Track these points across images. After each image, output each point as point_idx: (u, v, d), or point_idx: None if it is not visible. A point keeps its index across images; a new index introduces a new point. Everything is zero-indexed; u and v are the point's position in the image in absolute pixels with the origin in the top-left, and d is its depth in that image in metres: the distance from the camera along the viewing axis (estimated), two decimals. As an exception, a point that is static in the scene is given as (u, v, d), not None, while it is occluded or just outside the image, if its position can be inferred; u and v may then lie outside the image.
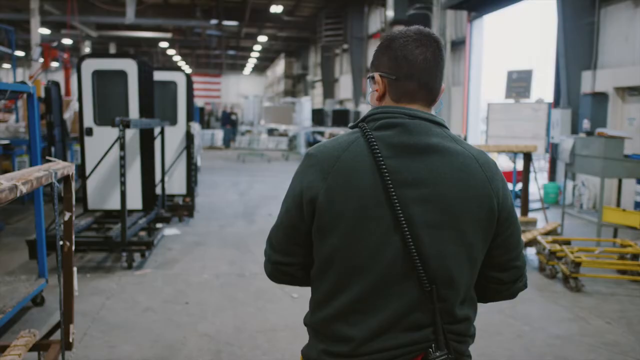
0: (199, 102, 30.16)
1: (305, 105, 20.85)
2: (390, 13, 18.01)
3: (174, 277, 5.90)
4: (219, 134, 25.25)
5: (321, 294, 1.56)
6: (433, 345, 1.50)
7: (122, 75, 6.98)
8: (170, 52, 39.01)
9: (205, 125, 27.34)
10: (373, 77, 1.59)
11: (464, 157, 1.52)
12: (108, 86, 7.05)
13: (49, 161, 3.41)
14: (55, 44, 17.68)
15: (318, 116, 24.17)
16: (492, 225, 1.54)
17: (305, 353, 1.61)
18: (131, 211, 7.07)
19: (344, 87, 28.11)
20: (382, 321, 1.49)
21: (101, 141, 6.89)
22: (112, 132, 6.46)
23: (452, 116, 16.20)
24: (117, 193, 6.86)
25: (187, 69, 47.85)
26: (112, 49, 35.53)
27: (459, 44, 15.87)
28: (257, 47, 38.07)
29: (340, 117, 24.10)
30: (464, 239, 1.49)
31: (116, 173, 6.95)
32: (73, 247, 3.58)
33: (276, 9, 24.69)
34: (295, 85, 41.66)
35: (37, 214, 4.78)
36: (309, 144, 21.68)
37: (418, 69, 1.53)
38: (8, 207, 9.34)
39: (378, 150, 1.47)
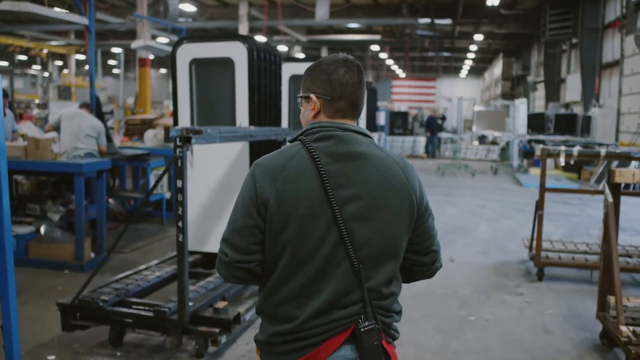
0: (402, 106, 28.13)
1: (521, 109, 17.51)
2: (635, -5, 14.54)
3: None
4: (422, 141, 22.78)
5: (272, 283, 1.77)
6: (362, 317, 1.74)
7: (228, 65, 5.01)
8: (382, 55, 37.33)
9: (409, 132, 25.10)
10: (307, 97, 1.86)
11: (387, 161, 1.82)
12: (211, 80, 5.12)
13: None
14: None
15: (536, 122, 20.54)
16: (412, 217, 1.83)
17: (258, 338, 1.82)
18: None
19: (571, 88, 23.84)
20: (321, 303, 1.72)
21: (203, 158, 4.98)
22: (220, 145, 4.58)
23: None
24: (220, 231, 4.93)
25: (401, 73, 46.35)
26: (324, 54, 34.95)
27: None
28: (473, 47, 34.89)
29: (566, 123, 20.13)
30: (389, 229, 1.77)
31: (219, 203, 5.03)
32: None
33: (493, 1, 21.58)
34: (514, 87, 37.62)
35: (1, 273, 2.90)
36: (525, 154, 18.28)
37: (348, 91, 1.82)
38: (140, 227, 8.00)
39: (318, 159, 1.74)
